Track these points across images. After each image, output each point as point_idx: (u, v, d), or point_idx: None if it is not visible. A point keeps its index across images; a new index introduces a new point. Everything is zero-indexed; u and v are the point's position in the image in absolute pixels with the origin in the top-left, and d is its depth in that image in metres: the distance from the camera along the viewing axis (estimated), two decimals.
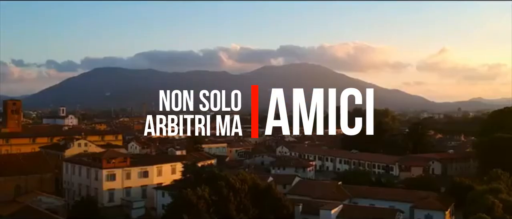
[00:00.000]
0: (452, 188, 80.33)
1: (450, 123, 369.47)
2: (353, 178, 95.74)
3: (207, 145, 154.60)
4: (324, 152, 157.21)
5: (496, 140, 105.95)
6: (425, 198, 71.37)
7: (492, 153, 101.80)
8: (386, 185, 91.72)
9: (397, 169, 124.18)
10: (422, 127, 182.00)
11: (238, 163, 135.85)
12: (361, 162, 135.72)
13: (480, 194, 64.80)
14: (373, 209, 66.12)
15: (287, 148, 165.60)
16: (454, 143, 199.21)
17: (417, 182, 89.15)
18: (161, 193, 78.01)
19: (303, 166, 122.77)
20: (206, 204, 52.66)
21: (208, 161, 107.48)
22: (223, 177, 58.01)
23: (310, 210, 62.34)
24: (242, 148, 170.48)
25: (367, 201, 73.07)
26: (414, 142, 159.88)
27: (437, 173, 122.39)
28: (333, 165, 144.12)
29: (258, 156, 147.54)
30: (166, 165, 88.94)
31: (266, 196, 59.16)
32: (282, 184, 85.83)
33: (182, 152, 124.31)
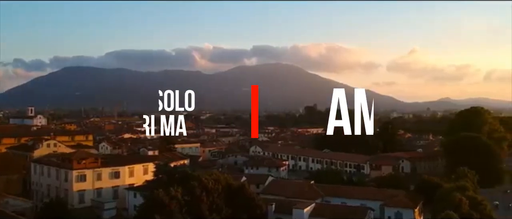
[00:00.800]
0: (421, 186, 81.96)
1: (419, 123, 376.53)
2: (325, 177, 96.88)
3: (180, 145, 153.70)
4: (297, 151, 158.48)
5: (462, 139, 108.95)
6: (395, 196, 72.76)
7: (459, 151, 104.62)
8: (357, 183, 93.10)
9: (368, 168, 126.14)
10: (392, 126, 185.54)
11: (211, 163, 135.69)
12: (333, 161, 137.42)
13: (448, 192, 66.43)
14: (344, 207, 67.08)
15: (261, 147, 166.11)
16: (423, 142, 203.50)
17: (387, 181, 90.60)
18: (133, 194, 77.33)
19: (276, 165, 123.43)
20: (178, 205, 52.47)
21: (181, 161, 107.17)
22: (196, 177, 57.90)
23: (283, 209, 62.80)
24: (215, 147, 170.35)
25: (339, 199, 74.03)
26: (385, 141, 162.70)
27: (406, 171, 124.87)
28: (306, 164, 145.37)
29: (232, 155, 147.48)
30: (138, 165, 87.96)
31: (239, 195, 59.30)
32: (256, 184, 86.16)
33: (154, 152, 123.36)
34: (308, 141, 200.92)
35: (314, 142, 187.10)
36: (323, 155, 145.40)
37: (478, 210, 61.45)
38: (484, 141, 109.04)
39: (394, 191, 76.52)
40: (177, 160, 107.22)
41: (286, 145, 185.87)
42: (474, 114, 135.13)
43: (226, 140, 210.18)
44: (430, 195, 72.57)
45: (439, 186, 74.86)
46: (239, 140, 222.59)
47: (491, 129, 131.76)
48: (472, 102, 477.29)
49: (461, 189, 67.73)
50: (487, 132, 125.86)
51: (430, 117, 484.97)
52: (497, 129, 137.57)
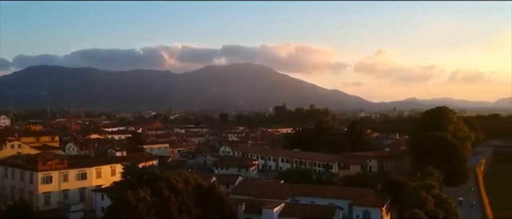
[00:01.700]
0: (388, 185, 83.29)
1: (386, 122, 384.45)
2: (295, 176, 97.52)
3: (149, 146, 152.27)
4: (267, 151, 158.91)
5: (428, 139, 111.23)
6: (363, 195, 73.81)
7: (425, 151, 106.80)
8: (326, 183, 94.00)
9: (336, 167, 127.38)
10: (360, 126, 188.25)
11: (180, 164, 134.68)
12: (303, 160, 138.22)
13: (414, 190, 67.73)
14: (313, 206, 67.55)
15: (230, 147, 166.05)
16: (390, 141, 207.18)
17: (355, 180, 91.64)
18: (100, 195, 76.15)
19: (246, 165, 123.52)
20: (147, 206, 51.80)
21: (150, 162, 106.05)
22: (164, 178, 57.29)
23: (253, 209, 62.84)
24: (185, 148, 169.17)
25: (308, 199, 74.54)
26: (353, 141, 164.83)
27: (374, 170, 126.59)
28: (275, 164, 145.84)
29: (201, 156, 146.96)
30: (106, 166, 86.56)
31: (209, 196, 59.01)
32: (225, 184, 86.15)
33: (123, 153, 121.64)
34: (278, 141, 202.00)
35: (283, 141, 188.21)
36: (292, 154, 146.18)
37: (443, 208, 62.82)
38: (449, 140, 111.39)
39: (362, 190, 77.62)
40: (145, 160, 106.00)
41: (256, 145, 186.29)
42: (439, 114, 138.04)
43: (196, 140, 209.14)
44: (397, 193, 73.88)
45: (406, 185, 76.21)
46: (208, 140, 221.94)
47: (455, 129, 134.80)
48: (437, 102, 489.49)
49: (427, 187, 69.13)
50: (452, 131, 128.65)
51: (397, 116, 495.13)
52: (462, 128, 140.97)
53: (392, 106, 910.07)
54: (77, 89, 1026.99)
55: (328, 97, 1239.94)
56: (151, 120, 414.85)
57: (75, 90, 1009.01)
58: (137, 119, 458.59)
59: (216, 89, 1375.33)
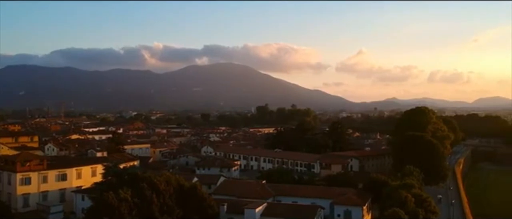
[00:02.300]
0: (369, 184, 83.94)
1: (367, 122, 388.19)
2: (277, 176, 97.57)
3: (130, 146, 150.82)
4: (249, 151, 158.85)
5: (408, 138, 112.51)
6: (344, 194, 74.26)
7: (405, 150, 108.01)
8: (308, 182, 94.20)
9: (318, 166, 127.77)
10: (341, 126, 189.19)
11: (162, 164, 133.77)
12: (285, 160, 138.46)
13: (395, 189, 68.46)
14: (295, 206, 67.82)
15: (212, 147, 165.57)
16: (371, 141, 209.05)
17: (337, 179, 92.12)
18: (80, 197, 75.24)
19: (228, 165, 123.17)
20: (128, 207, 51.38)
21: (131, 163, 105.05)
22: (146, 178, 56.92)
23: (235, 209, 62.84)
24: (166, 148, 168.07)
25: (290, 198, 74.86)
26: (334, 140, 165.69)
27: (355, 169, 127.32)
28: (257, 164, 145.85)
29: (183, 156, 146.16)
30: (86, 167, 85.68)
31: (191, 196, 58.80)
32: (207, 184, 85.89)
33: (103, 153, 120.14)
34: (259, 141, 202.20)
35: (265, 141, 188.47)
36: (274, 154, 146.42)
37: (423, 206, 63.66)
38: (429, 140, 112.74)
39: (343, 189, 78.15)
40: (126, 161, 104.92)
41: (238, 145, 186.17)
42: (419, 114, 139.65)
43: (177, 140, 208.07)
44: (378, 192, 74.65)
45: (386, 184, 76.97)
46: (190, 140, 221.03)
47: (435, 128, 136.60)
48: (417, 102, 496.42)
49: (407, 186, 69.97)
50: (431, 131, 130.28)
51: (377, 116, 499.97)
52: (441, 128, 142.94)
53: (373, 106, 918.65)
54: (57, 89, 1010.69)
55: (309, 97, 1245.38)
56: (132, 120, 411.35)
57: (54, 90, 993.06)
58: (118, 119, 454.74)
59: (198, 89, 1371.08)
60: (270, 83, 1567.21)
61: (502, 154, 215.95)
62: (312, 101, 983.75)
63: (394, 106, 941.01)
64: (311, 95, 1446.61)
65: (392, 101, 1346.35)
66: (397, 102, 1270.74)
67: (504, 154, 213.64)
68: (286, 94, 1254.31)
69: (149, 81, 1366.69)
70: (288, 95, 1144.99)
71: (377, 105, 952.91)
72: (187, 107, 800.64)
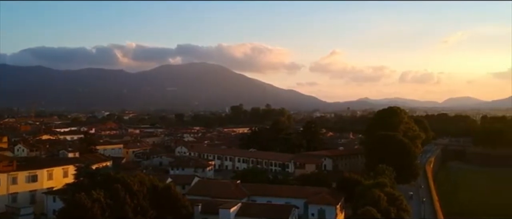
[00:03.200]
0: (343, 183, 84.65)
1: (340, 122, 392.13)
2: (251, 176, 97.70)
3: (102, 146, 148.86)
4: (223, 151, 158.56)
5: (380, 138, 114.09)
6: (318, 194, 74.81)
7: (378, 149, 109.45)
8: (282, 182, 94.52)
9: (292, 166, 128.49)
10: (315, 125, 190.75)
11: (135, 164, 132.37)
12: (259, 160, 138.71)
13: (367, 188, 69.23)
14: (270, 206, 68.05)
15: (186, 148, 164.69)
16: (344, 140, 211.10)
17: (310, 178, 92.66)
18: (52, 198, 73.97)
19: (202, 166, 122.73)
20: (101, 208, 50.71)
21: (103, 163, 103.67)
22: (119, 179, 56.28)
23: (210, 209, 62.68)
24: (140, 148, 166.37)
25: (265, 198, 75.06)
26: (308, 140, 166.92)
27: (329, 169, 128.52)
28: (232, 164, 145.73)
29: (156, 156, 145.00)
30: (58, 168, 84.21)
31: (165, 197, 58.39)
32: (181, 185, 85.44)
33: (75, 154, 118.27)
34: (234, 141, 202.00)
35: (240, 141, 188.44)
36: (249, 154, 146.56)
37: (395, 205, 64.56)
38: (401, 139, 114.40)
39: (317, 189, 78.68)
40: (99, 161, 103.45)
41: (212, 145, 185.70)
42: (391, 114, 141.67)
43: (151, 141, 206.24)
44: (351, 191, 75.40)
45: (359, 183, 77.79)
46: (164, 140, 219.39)
47: (406, 128, 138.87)
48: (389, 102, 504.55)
49: (379, 185, 70.82)
50: (403, 131, 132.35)
51: (350, 116, 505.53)
52: (412, 128, 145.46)
53: (346, 106, 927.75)
54: (27, 88, 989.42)
55: (284, 97, 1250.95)
56: (104, 120, 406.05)
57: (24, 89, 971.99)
58: (90, 119, 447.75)
59: (171, 89, 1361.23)
60: (245, 83, 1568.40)
61: (471, 153, 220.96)
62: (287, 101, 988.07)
63: (366, 106, 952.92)
64: (285, 95, 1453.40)
65: (365, 101, 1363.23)
66: (370, 102, 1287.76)
67: (473, 153, 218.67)
68: (260, 94, 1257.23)
69: (122, 81, 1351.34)
70: (263, 95, 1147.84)
71: (350, 105, 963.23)
72: (160, 107, 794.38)
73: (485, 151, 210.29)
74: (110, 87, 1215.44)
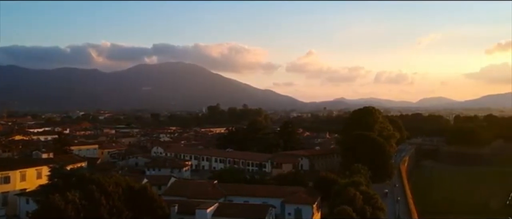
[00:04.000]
0: (319, 182, 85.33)
1: (317, 122, 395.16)
2: (228, 176, 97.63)
3: (77, 147, 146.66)
4: (200, 151, 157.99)
5: (356, 137, 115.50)
6: (295, 193, 75.31)
7: (353, 149, 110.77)
8: (259, 182, 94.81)
9: (269, 166, 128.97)
10: (292, 125, 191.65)
11: (111, 165, 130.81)
12: (236, 160, 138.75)
13: (343, 187, 69.96)
14: (247, 205, 68.07)
15: (162, 148, 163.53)
16: (320, 140, 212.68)
17: (287, 178, 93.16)
18: (25, 200, 72.55)
19: (179, 166, 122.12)
20: (75, 209, 49.94)
21: (78, 164, 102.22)
22: (94, 180, 55.54)
23: (186, 210, 62.35)
24: (115, 149, 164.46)
25: (242, 198, 74.99)
26: (285, 140, 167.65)
27: (305, 168, 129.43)
28: (209, 164, 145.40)
29: (132, 157, 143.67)
30: (31, 169, 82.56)
31: (141, 197, 57.83)
32: (158, 185, 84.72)
33: (49, 154, 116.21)
34: (211, 141, 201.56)
35: (217, 141, 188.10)
36: (226, 154, 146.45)
37: (370, 203, 65.52)
38: (376, 139, 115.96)
39: (294, 188, 79.15)
40: (73, 162, 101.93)
41: (189, 145, 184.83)
42: (366, 113, 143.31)
43: (126, 141, 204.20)
44: (327, 190, 76.04)
45: (335, 182, 78.50)
46: (140, 140, 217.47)
47: (381, 128, 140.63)
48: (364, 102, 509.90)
49: (355, 184, 71.68)
50: (378, 130, 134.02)
51: (327, 116, 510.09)
52: (387, 127, 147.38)
53: (322, 106, 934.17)
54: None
55: (261, 97, 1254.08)
56: (79, 120, 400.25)
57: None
58: (64, 119, 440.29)
59: (147, 88, 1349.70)
60: (222, 83, 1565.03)
61: (445, 152, 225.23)
62: (263, 101, 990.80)
63: (342, 106, 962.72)
64: (262, 95, 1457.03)
65: (341, 101, 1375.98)
66: (346, 102, 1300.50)
67: (446, 152, 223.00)
68: (237, 94, 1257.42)
69: (97, 80, 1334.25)
70: (240, 95, 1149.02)
71: (327, 105, 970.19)
72: (136, 107, 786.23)
73: (458, 150, 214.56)
74: (85, 87, 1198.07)
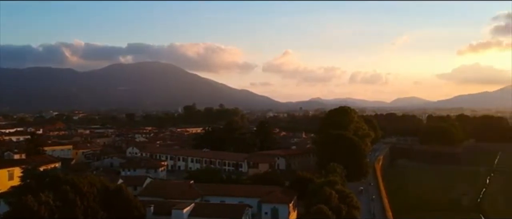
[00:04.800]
0: (295, 181, 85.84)
1: (293, 121, 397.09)
2: (204, 176, 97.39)
3: (50, 147, 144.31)
4: (176, 151, 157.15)
5: (331, 137, 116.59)
6: (271, 193, 75.64)
7: (329, 148, 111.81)
8: (235, 181, 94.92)
9: (246, 165, 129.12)
10: (268, 125, 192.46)
11: (85, 166, 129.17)
12: (213, 160, 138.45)
13: (319, 186, 70.56)
14: (223, 205, 68.15)
15: (138, 148, 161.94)
16: (297, 139, 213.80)
17: (264, 178, 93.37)
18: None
19: (155, 166, 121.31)
20: (49, 211, 49.17)
21: (52, 165, 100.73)
22: (68, 180, 54.77)
23: (162, 210, 62.03)
24: (90, 149, 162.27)
25: (218, 198, 75.00)
26: (262, 140, 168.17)
27: (282, 168, 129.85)
28: (185, 164, 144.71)
29: (107, 157, 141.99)
30: (3, 170, 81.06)
31: (116, 198, 57.30)
32: (133, 186, 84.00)
33: (21, 155, 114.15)
34: (187, 141, 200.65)
35: (193, 141, 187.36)
36: (202, 154, 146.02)
37: (346, 202, 66.26)
38: (351, 138, 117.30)
39: (270, 188, 79.46)
40: (47, 163, 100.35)
41: (165, 145, 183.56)
42: (341, 113, 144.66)
43: (101, 141, 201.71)
44: (304, 190, 76.67)
45: (311, 181, 79.14)
46: (115, 141, 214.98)
47: (356, 127, 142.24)
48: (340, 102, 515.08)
49: (331, 183, 72.40)
50: (353, 130, 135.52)
51: (303, 116, 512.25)
52: (362, 127, 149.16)
53: (299, 106, 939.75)
54: None
55: (237, 97, 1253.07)
56: (52, 120, 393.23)
57: None
58: (37, 119, 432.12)
59: (122, 88, 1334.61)
60: (198, 83, 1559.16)
61: (418, 151, 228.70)
62: (240, 101, 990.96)
63: (318, 106, 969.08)
64: (238, 95, 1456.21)
65: (317, 101, 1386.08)
66: (321, 102, 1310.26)
67: (420, 151, 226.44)
68: (214, 94, 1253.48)
69: (71, 80, 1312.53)
70: (216, 95, 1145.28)
71: (303, 105, 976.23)
72: (111, 107, 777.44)
73: (431, 149, 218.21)
74: (59, 86, 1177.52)
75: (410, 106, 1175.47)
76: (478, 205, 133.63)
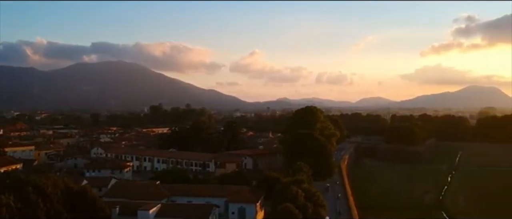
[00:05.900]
0: (262, 181, 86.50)
1: (260, 121, 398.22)
2: (171, 176, 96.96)
3: (11, 148, 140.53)
4: (142, 152, 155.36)
5: (298, 136, 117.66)
6: (238, 192, 75.90)
7: (295, 147, 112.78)
8: (203, 181, 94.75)
9: (213, 165, 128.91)
10: (236, 125, 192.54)
11: (48, 167, 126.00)
12: (179, 160, 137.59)
13: (286, 186, 71.25)
14: (190, 205, 67.94)
15: (103, 149, 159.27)
16: (264, 139, 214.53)
17: (231, 178, 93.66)
18: None
19: (120, 167, 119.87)
20: (10, 212, 47.93)
21: (13, 166, 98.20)
22: (30, 182, 53.49)
23: (128, 211, 61.34)
24: (53, 150, 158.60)
25: (185, 198, 74.83)
26: (229, 140, 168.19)
27: (249, 168, 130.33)
28: (151, 164, 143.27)
29: (71, 158, 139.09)
30: None
31: (80, 199, 56.36)
32: (98, 187, 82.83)
33: None
34: (153, 141, 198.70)
35: (159, 142, 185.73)
36: (168, 154, 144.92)
37: (312, 201, 67.07)
38: (317, 138, 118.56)
39: (237, 187, 79.72)
40: (8, 164, 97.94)
41: (131, 146, 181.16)
42: (308, 113, 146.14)
43: (65, 142, 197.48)
44: (271, 189, 77.28)
45: (278, 181, 79.85)
46: (79, 141, 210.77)
47: (322, 127, 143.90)
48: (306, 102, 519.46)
49: (297, 182, 73.17)
50: (319, 129, 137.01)
51: (270, 115, 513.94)
52: (328, 126, 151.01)
53: (266, 106, 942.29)
54: None
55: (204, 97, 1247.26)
56: (14, 120, 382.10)
57: None
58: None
59: (87, 88, 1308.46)
60: (164, 83, 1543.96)
61: (382, 150, 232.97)
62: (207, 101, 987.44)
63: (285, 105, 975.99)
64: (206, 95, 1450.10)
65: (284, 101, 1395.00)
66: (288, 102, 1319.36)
67: (384, 151, 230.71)
68: (180, 94, 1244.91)
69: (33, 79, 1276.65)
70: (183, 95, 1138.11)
71: (270, 105, 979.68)
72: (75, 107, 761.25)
73: (394, 148, 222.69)
74: (20, 86, 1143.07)
75: (374, 106, 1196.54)
76: (440, 202, 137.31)
